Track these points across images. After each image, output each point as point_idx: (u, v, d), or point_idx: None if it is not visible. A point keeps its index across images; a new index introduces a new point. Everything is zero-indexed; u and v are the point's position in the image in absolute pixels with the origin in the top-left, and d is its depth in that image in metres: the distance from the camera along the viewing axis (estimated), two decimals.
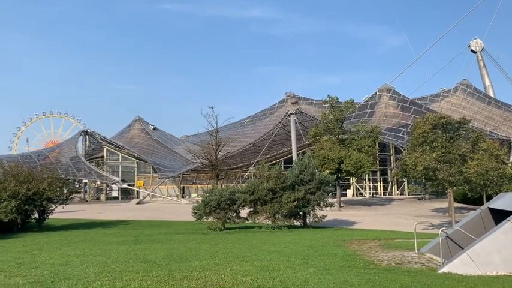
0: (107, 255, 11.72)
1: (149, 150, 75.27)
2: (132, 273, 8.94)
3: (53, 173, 25.97)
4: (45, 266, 10.07)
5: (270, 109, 79.48)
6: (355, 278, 8.59)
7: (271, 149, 63.11)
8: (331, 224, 24.52)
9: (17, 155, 71.25)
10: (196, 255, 11.62)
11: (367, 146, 39.88)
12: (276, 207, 21.53)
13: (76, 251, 12.81)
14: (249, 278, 8.42)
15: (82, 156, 67.57)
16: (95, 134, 74.20)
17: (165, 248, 13.36)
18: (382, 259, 11.39)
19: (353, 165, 37.85)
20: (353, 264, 10.36)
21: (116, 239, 16.91)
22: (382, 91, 62.15)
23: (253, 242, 15.38)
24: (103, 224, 27.56)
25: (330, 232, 19.64)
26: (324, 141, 41.16)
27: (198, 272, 9.00)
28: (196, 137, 69.92)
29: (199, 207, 22.46)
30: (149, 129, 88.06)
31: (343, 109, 41.48)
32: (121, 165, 72.05)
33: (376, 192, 64.02)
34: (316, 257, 11.44)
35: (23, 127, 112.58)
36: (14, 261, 10.83)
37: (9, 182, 22.41)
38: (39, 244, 15.36)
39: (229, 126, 70.11)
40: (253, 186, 22.30)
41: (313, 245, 14.13)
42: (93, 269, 9.49)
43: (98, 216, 34.03)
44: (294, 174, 22.67)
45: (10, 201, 21.53)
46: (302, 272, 9.13)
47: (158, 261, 10.50)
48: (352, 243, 14.79)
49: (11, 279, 8.52)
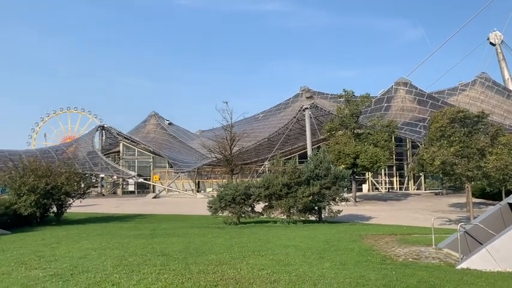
0: (125, 249, 11.87)
1: (165, 145, 75.84)
2: (149, 266, 9.04)
3: (71, 168, 26.24)
4: (64, 259, 10.24)
5: (284, 104, 79.25)
6: (371, 273, 8.54)
7: (286, 144, 62.97)
8: (347, 219, 24.39)
9: (36, 150, 72.53)
10: (212, 249, 11.68)
11: (383, 140, 39.52)
12: (291, 202, 21.49)
13: (94, 245, 12.98)
14: (265, 272, 8.43)
15: (99, 151, 68.42)
16: (112, 129, 75.05)
17: (182, 242, 13.46)
18: (398, 254, 11.29)
19: (369, 160, 37.55)
20: (369, 259, 10.30)
21: (133, 233, 17.07)
22: (398, 85, 61.41)
23: (269, 236, 15.38)
24: (120, 217, 27.90)
25: (345, 227, 19.54)
26: (339, 135, 40.90)
27: (215, 266, 9.05)
28: (211, 132, 70.12)
29: (215, 202, 22.56)
30: (164, 124, 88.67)
31: (359, 103, 41.12)
32: (137, 160, 72.78)
33: (392, 187, 63.47)
34: (332, 251, 11.40)
35: (41, 122, 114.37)
36: (34, 254, 11.04)
37: (29, 177, 22.74)
38: (58, 237, 15.58)
39: (244, 121, 70.16)
40: (268, 181, 22.29)
41: (328, 239, 14.08)
42: (111, 262, 9.62)
43: (114, 210, 34.46)
44: (309, 169, 22.58)
45: (29, 195, 21.90)
46: (318, 267, 9.11)
47: (175, 255, 10.59)
48: (368, 238, 14.69)
49: (32, 271, 8.69)
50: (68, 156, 61.05)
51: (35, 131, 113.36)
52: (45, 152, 65.16)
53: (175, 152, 72.77)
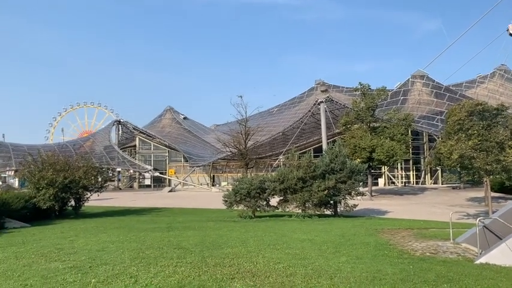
0: (142, 242, 12.00)
1: (180, 139, 76.35)
2: (166, 259, 9.12)
3: (88, 162, 26.58)
4: (82, 251, 10.39)
5: (299, 97, 78.99)
6: (388, 268, 8.47)
7: (301, 138, 62.79)
8: (362, 213, 24.23)
9: (54, 144, 73.69)
10: (228, 243, 11.73)
11: (399, 134, 39.07)
12: (306, 196, 21.42)
13: (112, 237, 13.15)
14: (281, 265, 8.44)
15: (115, 145, 69.23)
16: (128, 123, 75.79)
17: (198, 235, 13.55)
18: (416, 249, 11.18)
19: (385, 154, 37.19)
20: (386, 254, 10.22)
21: (150, 226, 17.24)
22: (415, 78, 60.61)
23: (284, 230, 15.39)
24: (136, 211, 28.22)
25: (361, 221, 19.42)
26: (355, 129, 40.58)
27: (231, 259, 9.09)
28: (226, 126, 70.38)
29: (230, 196, 22.63)
30: (180, 118, 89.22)
31: (375, 96, 40.68)
32: (153, 154, 73.43)
33: (408, 181, 62.84)
34: (348, 245, 11.34)
35: (59, 117, 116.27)
36: (54, 247, 11.23)
37: (47, 171, 23.08)
38: (76, 230, 15.81)
39: (258, 115, 70.16)
40: (283, 175, 22.25)
41: (344, 233, 14.01)
42: (129, 254, 9.73)
43: (131, 204, 34.86)
44: (324, 163, 22.46)
45: (48, 189, 22.25)
46: (334, 261, 9.08)
47: (191, 248, 10.67)
48: (384, 233, 14.57)
49: (51, 263, 8.84)
50: (85, 150, 61.92)
51: (53, 125, 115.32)
52: (63, 146, 66.22)
53: (191, 146, 73.21)
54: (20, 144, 66.57)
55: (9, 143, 67.92)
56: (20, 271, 8.09)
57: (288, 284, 6.96)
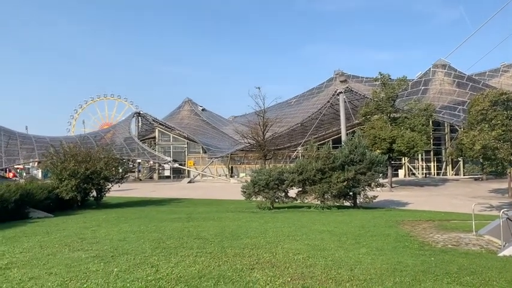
0: (162, 232, 12.14)
1: (198, 130, 76.72)
2: (186, 249, 9.21)
3: (109, 153, 26.93)
4: (104, 241, 10.58)
5: (317, 88, 78.35)
6: (409, 259, 8.38)
7: (319, 129, 62.40)
8: (382, 205, 24.01)
9: (75, 136, 74.92)
10: (247, 233, 11.78)
11: (420, 124, 38.41)
12: (325, 187, 21.32)
13: (133, 228, 13.34)
14: (301, 256, 8.43)
15: (135, 137, 70.00)
16: (147, 115, 76.50)
17: (217, 226, 13.65)
18: (437, 240, 11.03)
19: (405, 145, 36.67)
20: (407, 245, 10.11)
21: (170, 216, 17.42)
22: (436, 67, 59.36)
23: (303, 221, 15.37)
24: (156, 202, 28.54)
25: (381, 213, 19.26)
26: (375, 120, 40.05)
27: (250, 250, 9.13)
28: (244, 118, 70.43)
29: (248, 187, 22.68)
30: (198, 110, 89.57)
31: (395, 87, 40.00)
32: (172, 146, 74.04)
33: (429, 173, 61.91)
34: (368, 237, 11.26)
35: (80, 109, 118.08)
36: (76, 236, 11.46)
37: (69, 162, 23.48)
38: (98, 221, 16.08)
39: (276, 106, 69.95)
40: (302, 166, 22.17)
41: (364, 225, 13.91)
42: (150, 244, 9.87)
43: (151, 195, 35.30)
44: (343, 154, 22.29)
45: (70, 180, 22.68)
46: (354, 252, 9.03)
47: (211, 238, 10.75)
48: (404, 224, 14.42)
49: (75, 253, 9.03)
50: (106, 142, 62.74)
51: (74, 117, 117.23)
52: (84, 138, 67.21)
53: (209, 137, 73.53)
54: (42, 136, 67.97)
55: (32, 135, 69.43)
56: (45, 260, 8.28)
57: (307, 274, 6.96)
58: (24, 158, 62.55)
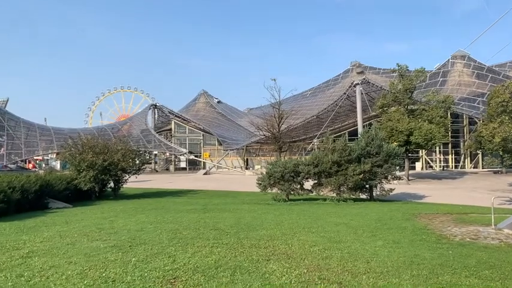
0: (179, 223, 12.25)
1: (214, 123, 77.01)
2: (202, 240, 9.29)
3: (126, 145, 27.19)
4: (122, 231, 10.72)
5: (333, 80, 77.77)
6: (426, 252, 8.30)
7: (335, 121, 62.00)
8: (399, 198, 23.79)
9: (93, 128, 76.02)
10: (263, 225, 11.81)
11: (438, 116, 37.85)
12: (341, 179, 21.20)
13: (150, 218, 13.49)
14: (317, 248, 8.43)
15: (152, 128, 70.63)
16: (163, 107, 77.03)
17: (233, 217, 13.71)
18: (455, 234, 10.89)
19: (423, 137, 36.19)
20: (424, 238, 10.01)
21: (186, 207, 17.56)
22: (455, 58, 58.31)
23: (318, 213, 15.33)
24: (173, 193, 28.79)
25: (397, 205, 19.09)
26: (392, 112, 39.59)
27: (266, 241, 9.15)
28: (259, 110, 70.38)
29: (264, 179, 22.69)
30: (214, 102, 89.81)
31: (413, 78, 39.43)
32: (188, 138, 74.51)
33: (447, 165, 61.11)
34: (384, 230, 11.18)
35: (97, 101, 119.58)
36: (95, 227, 11.64)
37: (87, 154, 23.77)
38: (115, 211, 16.29)
39: (292, 98, 69.70)
40: (318, 158, 22.06)
41: (380, 218, 13.82)
42: (167, 235, 9.97)
43: (167, 186, 35.60)
44: (360, 147, 22.10)
45: (88, 171, 22.99)
46: (370, 245, 8.98)
47: (227, 229, 10.81)
48: (421, 217, 14.27)
49: (93, 242, 9.17)
50: (123, 133, 63.41)
51: (92, 109, 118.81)
52: (101, 129, 68.08)
53: (224, 129, 73.74)
54: (61, 128, 69.10)
55: (51, 126, 70.64)
56: (65, 249, 8.43)
57: (323, 266, 6.95)
58: (43, 150, 63.76)
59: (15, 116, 68.25)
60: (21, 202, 16.96)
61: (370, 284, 6.04)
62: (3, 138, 61.24)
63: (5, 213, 15.30)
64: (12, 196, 16.11)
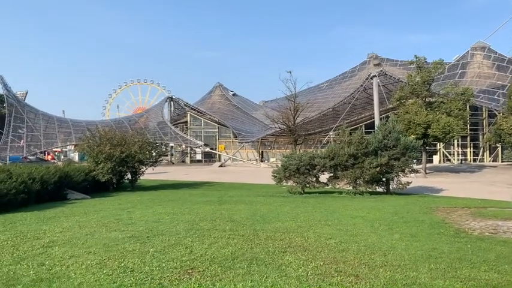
0: (195, 214, 12.35)
1: (229, 115, 77.15)
2: (219, 231, 9.34)
3: (143, 137, 27.48)
4: (140, 222, 10.84)
5: (350, 72, 77.06)
6: (445, 246, 8.21)
7: (352, 114, 61.50)
8: (416, 191, 23.54)
9: (110, 120, 76.89)
10: (279, 217, 11.82)
11: (457, 109, 37.25)
12: (358, 172, 21.05)
13: (166, 209, 13.61)
14: (333, 241, 8.40)
15: (168, 121, 71.18)
16: (179, 100, 77.50)
17: (248, 209, 13.75)
18: (473, 228, 10.74)
19: (441, 130, 35.68)
20: (442, 232, 9.89)
21: (202, 199, 17.67)
22: (475, 49, 57.18)
23: (334, 206, 15.27)
24: (189, 184, 29.01)
25: (414, 199, 18.90)
26: (409, 104, 39.09)
27: (282, 233, 9.16)
28: (275, 102, 70.17)
29: (279, 171, 22.68)
30: (229, 95, 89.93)
31: (431, 70, 38.83)
32: (203, 130, 74.85)
33: (465, 159, 60.20)
34: (401, 223, 11.09)
35: (114, 94, 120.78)
36: (113, 217, 11.79)
37: (105, 146, 24.09)
38: (133, 202, 16.47)
39: (308, 90, 69.34)
40: (334, 151, 21.94)
41: (397, 211, 13.70)
42: (183, 226, 10.06)
43: (183, 178, 35.89)
44: (377, 140, 21.90)
45: (106, 163, 23.31)
46: (387, 238, 8.92)
47: (243, 221, 10.85)
48: (439, 211, 14.11)
49: (112, 233, 9.30)
50: (140, 126, 64.14)
51: (109, 102, 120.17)
52: (119, 122, 68.92)
53: (239, 122, 73.83)
54: (79, 120, 70.08)
55: (69, 119, 71.67)
56: (84, 239, 8.58)
57: (340, 259, 6.94)
58: (61, 141, 64.83)
59: (35, 108, 69.47)
60: (41, 193, 17.32)
61: (387, 277, 6.00)
62: (23, 130, 62.44)
63: (26, 203, 15.66)
64: (32, 187, 16.46)
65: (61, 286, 5.52)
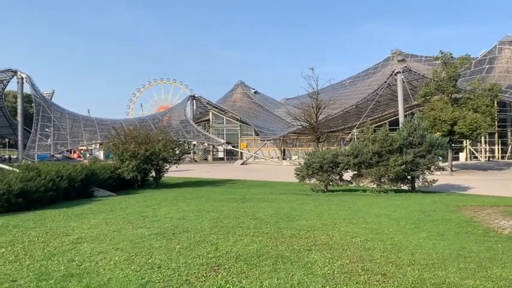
0: (219, 211, 12.42)
1: (251, 113, 77.27)
2: (243, 228, 9.37)
3: (167, 135, 27.79)
4: (165, 219, 10.97)
5: (373, 68, 76.10)
6: (473, 245, 8.03)
7: (375, 111, 60.72)
8: (441, 189, 23.09)
9: (134, 119, 78.03)
10: (302, 215, 11.78)
11: (484, 105, 36.34)
12: (382, 170, 20.79)
13: (191, 207, 13.74)
14: (358, 239, 8.32)
15: (190, 119, 71.72)
16: (202, 98, 78.00)
17: (271, 207, 13.75)
18: (503, 227, 10.46)
19: (468, 127, 34.88)
20: (470, 231, 9.68)
21: (225, 197, 17.75)
22: (503, 44, 55.65)
23: (358, 204, 15.12)
24: (211, 182, 29.20)
25: (441, 197, 18.54)
26: (435, 101, 38.36)
27: (306, 231, 9.12)
28: (296, 100, 69.94)
29: (302, 169, 22.60)
30: (250, 93, 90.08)
31: (457, 65, 37.98)
32: (225, 128, 75.19)
33: (492, 156, 58.73)
34: (428, 222, 10.89)
35: (138, 93, 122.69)
36: (139, 215, 11.96)
37: (130, 144, 24.48)
38: (157, 200, 16.67)
39: (330, 87, 68.76)
40: (358, 149, 21.72)
41: (423, 209, 13.46)
42: (208, 223, 10.13)
43: (206, 175, 36.16)
44: (402, 137, 21.57)
45: (131, 161, 23.69)
46: (414, 237, 8.78)
47: (266, 219, 10.85)
48: (466, 209, 13.79)
49: (138, 230, 9.44)
50: (163, 124, 64.88)
51: (133, 101, 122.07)
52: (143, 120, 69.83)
53: (261, 120, 73.86)
54: (104, 119, 71.32)
55: (94, 117, 73.03)
56: (111, 236, 8.73)
57: (366, 257, 6.86)
58: (87, 140, 66.10)
59: (61, 107, 71.06)
60: (68, 190, 17.70)
61: (415, 276, 5.91)
62: (50, 129, 63.91)
63: (54, 200, 16.03)
64: (60, 184, 16.84)
65: (91, 282, 5.63)
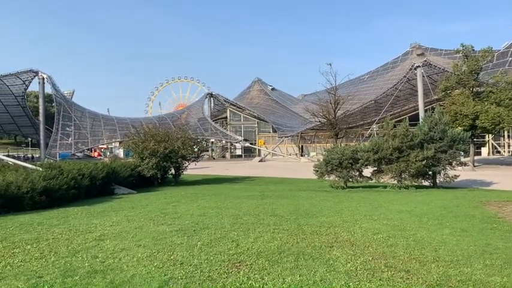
0: (238, 208, 12.44)
1: (268, 110, 77.19)
2: (263, 225, 9.36)
3: (185, 133, 27.99)
4: (185, 216, 11.05)
5: (392, 63, 75.06)
6: (499, 242, 7.86)
7: (395, 106, 59.97)
8: (463, 185, 22.67)
9: (153, 117, 78.81)
10: (322, 212, 11.71)
11: (507, 99, 35.39)
12: (403, 166, 20.50)
13: (210, 204, 13.80)
14: (380, 236, 8.23)
15: (208, 117, 72.08)
16: (219, 96, 78.26)
17: (291, 204, 13.70)
18: None
19: (490, 121, 34.09)
20: (495, 227, 9.47)
21: (244, 194, 17.78)
22: None
23: (379, 201, 14.96)
24: (230, 179, 29.30)
25: (463, 193, 18.19)
26: (456, 95, 37.60)
27: (327, 228, 9.06)
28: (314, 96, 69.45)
29: (321, 166, 22.46)
30: (268, 89, 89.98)
31: (479, 58, 37.11)
32: (243, 125, 75.33)
33: None
34: (450, 217, 10.71)
35: (156, 92, 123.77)
36: (159, 212, 12.08)
37: (149, 142, 24.75)
38: (177, 197, 16.80)
39: (348, 83, 68.20)
40: (377, 144, 21.47)
41: (446, 205, 13.24)
42: (228, 220, 10.16)
43: (225, 173, 36.29)
44: (422, 132, 21.23)
45: (151, 159, 23.96)
46: (437, 233, 8.64)
47: (286, 216, 10.83)
48: (490, 205, 13.52)
49: (159, 226, 9.53)
50: (182, 122, 65.28)
51: (151, 99, 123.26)
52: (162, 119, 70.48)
53: (279, 116, 73.70)
54: (123, 118, 72.23)
55: (114, 116, 74.03)
56: (133, 233, 8.83)
57: (389, 254, 6.78)
58: (107, 138, 67.06)
59: (81, 106, 72.21)
60: (90, 188, 18.01)
61: (439, 272, 5.81)
62: (70, 128, 65.04)
63: (76, 198, 16.33)
64: (82, 182, 17.14)
65: (115, 278, 5.70)
